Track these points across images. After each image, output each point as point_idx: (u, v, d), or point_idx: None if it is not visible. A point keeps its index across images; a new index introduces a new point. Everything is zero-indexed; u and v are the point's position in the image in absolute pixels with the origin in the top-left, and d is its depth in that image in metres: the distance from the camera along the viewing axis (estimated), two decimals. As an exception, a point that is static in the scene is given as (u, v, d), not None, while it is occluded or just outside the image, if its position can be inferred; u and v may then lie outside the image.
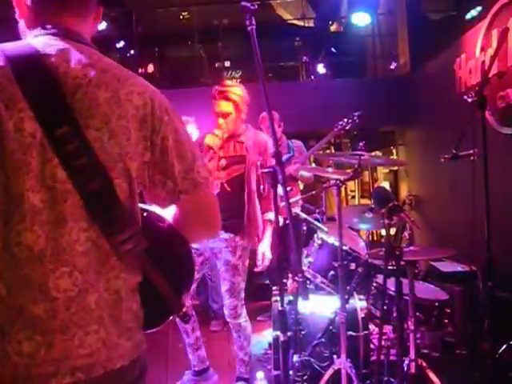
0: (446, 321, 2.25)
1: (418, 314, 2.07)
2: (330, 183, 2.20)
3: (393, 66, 6.44)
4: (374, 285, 2.35)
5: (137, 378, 0.93)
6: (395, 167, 6.27)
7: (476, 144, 1.94)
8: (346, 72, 7.26)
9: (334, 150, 7.56)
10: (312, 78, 7.88)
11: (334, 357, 2.14)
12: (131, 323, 0.91)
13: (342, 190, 2.63)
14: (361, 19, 5.76)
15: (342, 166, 4.55)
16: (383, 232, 2.27)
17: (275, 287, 2.86)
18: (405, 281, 1.94)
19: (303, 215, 2.91)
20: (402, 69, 5.93)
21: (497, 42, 3.21)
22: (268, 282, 3.93)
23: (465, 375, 2.27)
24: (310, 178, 3.77)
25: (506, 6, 3.25)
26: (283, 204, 1.42)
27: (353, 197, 8.21)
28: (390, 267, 1.83)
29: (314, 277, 2.45)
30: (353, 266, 2.33)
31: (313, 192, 3.68)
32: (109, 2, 8.26)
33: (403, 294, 1.91)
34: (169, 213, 1.02)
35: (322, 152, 4.16)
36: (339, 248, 2.05)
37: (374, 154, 5.53)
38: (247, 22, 1.27)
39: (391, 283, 1.90)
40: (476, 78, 3.64)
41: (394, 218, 1.80)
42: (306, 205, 4.29)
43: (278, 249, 1.47)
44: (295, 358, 2.22)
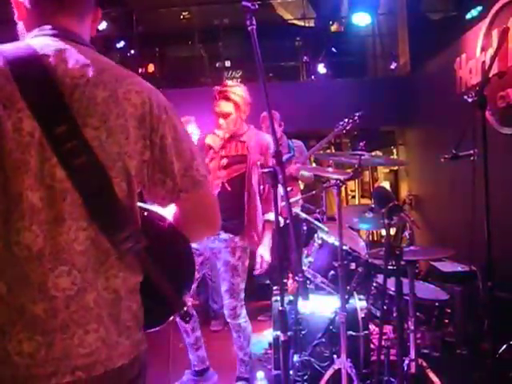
0: (446, 321, 2.25)
1: (418, 314, 2.07)
2: (331, 183, 2.20)
3: (393, 66, 6.44)
4: (374, 285, 2.35)
5: (136, 376, 0.93)
6: (395, 167, 6.27)
7: (476, 144, 1.94)
8: (347, 72, 7.26)
9: (334, 150, 7.57)
10: (312, 77, 7.89)
11: (335, 357, 2.14)
12: (130, 322, 0.91)
13: (343, 189, 2.63)
14: (361, 19, 5.76)
15: (342, 166, 4.55)
16: (383, 232, 2.27)
17: (275, 287, 2.86)
18: (405, 281, 1.94)
19: (303, 215, 2.92)
20: (402, 69, 5.93)
21: (497, 41, 3.22)
22: (268, 281, 3.93)
23: (465, 375, 2.27)
24: (310, 177, 3.77)
25: (506, 5, 3.25)
26: (284, 204, 1.42)
27: (353, 197, 8.21)
28: (390, 267, 1.83)
29: (315, 276, 2.45)
30: (353, 265, 2.33)
31: (313, 192, 3.68)
32: (109, 2, 8.27)
33: (403, 293, 1.91)
34: (169, 212, 1.02)
35: (322, 152, 4.16)
36: (339, 248, 2.05)
37: (374, 153, 5.53)
38: (248, 21, 1.27)
39: (391, 283, 1.90)
40: (476, 78, 3.64)
41: (394, 217, 1.81)
42: (307, 205, 4.28)
43: (278, 249, 1.48)
44: (295, 357, 2.23)
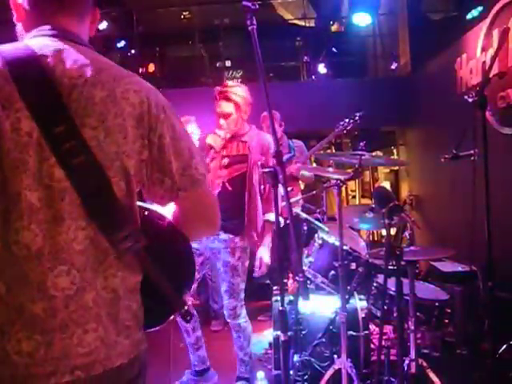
0: (447, 321, 2.25)
1: (418, 314, 2.07)
2: (331, 183, 2.20)
3: (393, 67, 6.44)
4: (375, 285, 2.35)
5: (136, 376, 0.93)
6: (396, 167, 6.27)
7: (476, 144, 1.95)
8: (347, 72, 7.26)
9: (334, 150, 7.57)
10: (313, 77, 7.88)
11: (335, 356, 2.14)
12: (130, 322, 0.91)
13: (343, 189, 2.64)
14: (362, 19, 5.76)
15: (342, 166, 4.55)
16: (384, 232, 2.27)
17: (276, 287, 2.86)
18: (405, 281, 1.94)
19: (304, 215, 2.92)
20: (402, 69, 5.93)
21: (497, 42, 3.22)
22: (268, 281, 3.93)
23: (465, 375, 2.28)
24: (310, 177, 3.78)
25: (506, 5, 3.25)
26: (284, 204, 1.42)
27: (353, 197, 8.21)
28: (390, 267, 1.83)
29: (315, 276, 2.45)
30: (353, 265, 2.33)
31: (313, 192, 3.69)
32: (109, 2, 8.27)
33: (403, 293, 1.91)
34: (169, 211, 1.02)
35: (322, 152, 4.17)
36: (340, 248, 2.05)
37: (374, 153, 5.53)
38: (248, 21, 1.27)
39: (392, 283, 1.90)
40: (477, 78, 3.64)
41: (395, 217, 1.81)
42: (307, 205, 4.29)
43: (278, 249, 1.48)
44: (296, 357, 2.23)
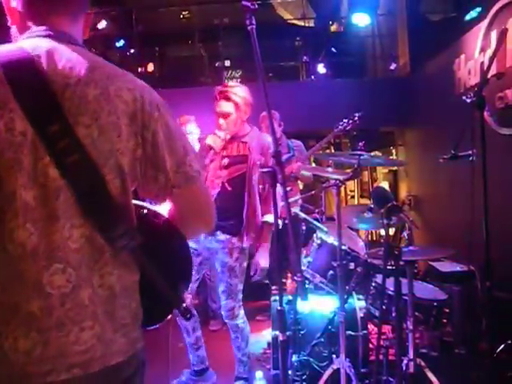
0: (445, 320, 2.25)
1: (416, 314, 2.07)
2: (330, 183, 2.20)
3: (393, 67, 6.45)
4: (373, 284, 2.35)
5: (134, 374, 0.93)
6: (395, 167, 6.28)
7: (475, 144, 1.95)
8: (346, 72, 7.27)
9: (333, 150, 7.57)
10: (312, 77, 7.89)
11: (333, 356, 2.14)
12: (127, 320, 0.91)
13: (342, 189, 2.63)
14: (361, 20, 5.77)
15: (341, 166, 4.56)
16: (382, 232, 2.27)
17: (274, 287, 2.86)
18: (404, 281, 1.94)
19: (302, 215, 2.92)
20: (401, 69, 5.94)
21: (496, 42, 3.22)
22: (267, 281, 3.93)
23: (463, 375, 2.28)
24: (309, 177, 3.78)
25: (505, 7, 3.25)
26: (283, 204, 1.42)
27: (352, 197, 8.22)
28: (389, 267, 1.83)
29: (313, 276, 2.45)
30: (352, 265, 2.33)
31: (312, 192, 3.68)
32: (109, 1, 8.26)
33: (402, 293, 1.92)
34: (165, 209, 1.03)
35: (321, 152, 4.17)
36: (338, 248, 2.06)
37: (373, 154, 5.53)
38: (247, 21, 1.27)
39: (390, 283, 1.91)
40: (475, 79, 3.64)
41: (393, 217, 1.81)
42: (306, 204, 4.29)
43: (277, 248, 1.48)
44: (294, 357, 2.23)
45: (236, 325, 2.47)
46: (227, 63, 9.00)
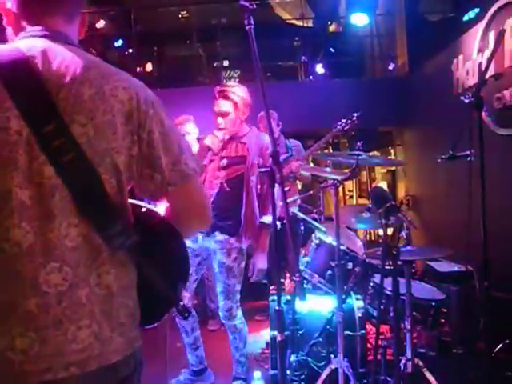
0: (443, 320, 2.26)
1: (414, 314, 2.07)
2: (328, 183, 2.20)
3: (391, 67, 6.46)
4: (371, 284, 2.35)
5: (131, 373, 0.93)
6: (393, 167, 6.28)
7: (473, 145, 1.95)
8: (345, 72, 7.28)
9: (332, 150, 7.57)
10: (310, 77, 7.89)
11: (331, 356, 2.14)
12: (125, 319, 0.92)
13: (340, 189, 2.64)
14: (359, 20, 5.77)
15: (340, 166, 4.56)
16: (380, 232, 2.28)
17: (273, 286, 2.86)
18: (402, 280, 1.95)
19: (301, 215, 2.92)
20: (400, 69, 5.95)
21: (493, 43, 3.23)
22: (266, 281, 3.94)
23: (461, 374, 2.29)
24: (308, 177, 3.78)
25: (503, 7, 3.26)
26: (281, 204, 1.42)
27: (351, 197, 8.22)
28: (387, 267, 1.83)
29: (312, 276, 2.45)
30: (350, 265, 2.33)
31: (311, 192, 3.69)
32: (107, 0, 8.25)
33: (400, 293, 1.92)
34: (163, 208, 1.03)
35: (320, 152, 4.17)
36: (337, 248, 2.06)
37: (371, 153, 5.54)
38: (246, 21, 1.27)
39: (388, 283, 1.91)
40: (473, 79, 3.65)
41: (392, 217, 1.81)
42: (304, 204, 4.29)
43: (275, 248, 1.48)
44: (292, 357, 2.23)
45: (234, 325, 2.47)
46: (225, 63, 9.01)
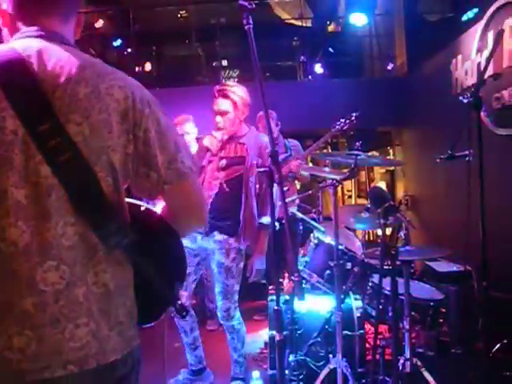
0: (441, 320, 2.26)
1: (413, 314, 2.08)
2: (327, 183, 2.20)
3: (390, 67, 6.46)
4: (370, 284, 2.35)
5: (129, 372, 0.93)
6: (392, 167, 6.29)
7: (471, 145, 1.96)
8: (344, 72, 7.28)
9: (331, 150, 7.58)
10: (309, 77, 7.89)
11: (330, 356, 2.14)
12: (123, 318, 0.92)
13: (339, 189, 2.63)
14: (358, 19, 5.77)
15: (338, 166, 4.56)
16: (379, 232, 2.28)
17: (271, 286, 2.86)
18: (400, 280, 1.95)
19: (300, 215, 2.92)
20: (399, 70, 5.95)
21: (492, 43, 3.23)
22: (264, 281, 3.94)
23: (459, 374, 2.29)
24: (306, 177, 3.78)
25: (501, 7, 3.26)
26: (280, 203, 1.42)
27: (349, 196, 8.23)
28: (385, 267, 1.83)
29: (310, 276, 2.45)
30: (349, 265, 2.34)
31: (309, 192, 3.69)
32: (106, 0, 8.23)
33: (399, 293, 1.92)
34: (160, 207, 1.03)
35: (318, 152, 4.17)
36: (335, 247, 2.06)
37: (370, 153, 5.54)
38: (245, 21, 1.27)
39: (387, 283, 1.91)
40: (472, 80, 3.66)
41: (390, 217, 1.81)
42: (303, 204, 4.29)
43: (274, 248, 1.48)
44: (291, 357, 2.23)
45: (232, 326, 2.46)
46: (224, 63, 9.01)
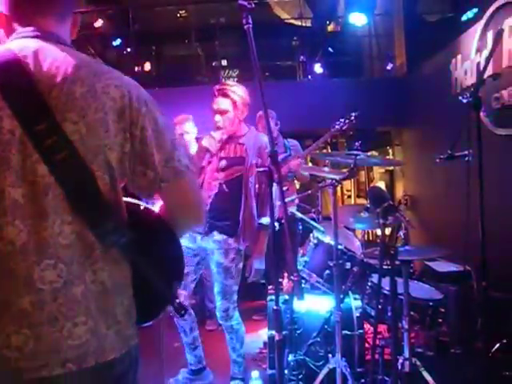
0: (440, 320, 2.26)
1: (412, 314, 2.08)
2: (326, 182, 2.20)
3: (389, 67, 6.46)
4: (369, 284, 2.36)
5: (127, 371, 0.94)
6: (391, 167, 6.29)
7: (471, 145, 1.96)
8: (343, 72, 7.28)
9: (330, 150, 7.58)
10: (309, 77, 7.89)
11: (329, 356, 2.15)
12: (121, 317, 0.92)
13: (338, 189, 2.63)
14: (358, 19, 5.77)
15: (338, 166, 4.56)
16: (378, 232, 2.27)
17: (271, 286, 2.86)
18: (399, 280, 1.95)
19: (299, 214, 2.92)
20: (398, 69, 5.95)
21: (492, 43, 3.23)
22: (264, 281, 3.93)
23: (458, 374, 2.29)
24: (306, 177, 3.78)
25: (501, 7, 3.26)
26: (279, 203, 1.42)
27: (349, 196, 8.23)
28: (384, 267, 1.83)
29: (310, 276, 2.45)
30: (348, 265, 2.34)
31: (309, 191, 3.69)
32: (106, 0, 8.22)
33: (398, 293, 1.92)
34: (158, 206, 1.04)
35: (318, 151, 4.17)
36: (335, 247, 2.06)
37: (370, 153, 5.54)
38: (244, 20, 1.27)
39: (386, 283, 1.91)
40: (471, 79, 3.66)
41: (389, 217, 1.81)
42: (302, 204, 4.29)
43: (273, 248, 1.48)
44: (290, 357, 2.23)
45: (230, 326, 2.46)
46: (224, 62, 9.01)
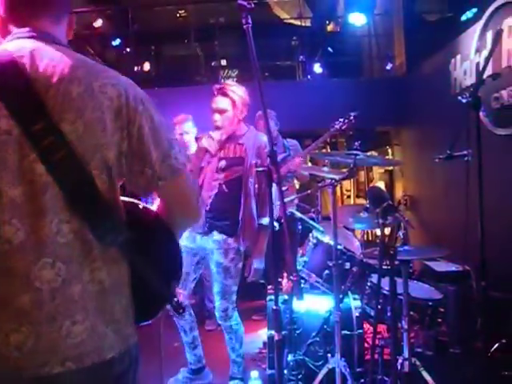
0: (440, 320, 2.26)
1: (411, 314, 2.08)
2: (326, 182, 2.20)
3: (389, 67, 6.46)
4: (369, 284, 2.36)
5: (126, 370, 0.94)
6: (390, 167, 6.29)
7: (470, 145, 1.96)
8: (343, 72, 7.27)
9: (329, 150, 7.58)
10: (308, 77, 7.89)
11: (329, 356, 2.15)
12: (119, 316, 0.92)
13: (338, 189, 2.64)
14: (357, 19, 5.77)
15: (337, 166, 4.56)
16: (378, 232, 2.28)
17: (270, 286, 2.86)
18: (399, 280, 1.95)
19: (298, 214, 2.92)
20: (398, 69, 5.95)
21: (491, 43, 3.23)
22: (263, 281, 3.93)
23: (458, 374, 2.29)
24: (306, 176, 3.78)
25: (500, 7, 3.27)
26: (279, 203, 1.42)
27: (348, 196, 8.23)
28: (384, 267, 1.84)
29: (309, 276, 2.45)
30: (347, 265, 2.34)
31: (308, 191, 3.69)
32: (105, 0, 8.21)
33: (397, 293, 1.92)
34: (156, 205, 1.04)
35: (317, 151, 4.17)
36: (334, 247, 2.06)
37: (369, 153, 5.54)
38: (244, 20, 1.27)
39: (385, 282, 1.91)
40: (471, 79, 3.66)
41: (389, 217, 1.81)
42: (302, 204, 4.29)
43: (273, 248, 1.48)
44: (290, 357, 2.23)
45: (230, 326, 2.46)
46: (223, 62, 9.01)
